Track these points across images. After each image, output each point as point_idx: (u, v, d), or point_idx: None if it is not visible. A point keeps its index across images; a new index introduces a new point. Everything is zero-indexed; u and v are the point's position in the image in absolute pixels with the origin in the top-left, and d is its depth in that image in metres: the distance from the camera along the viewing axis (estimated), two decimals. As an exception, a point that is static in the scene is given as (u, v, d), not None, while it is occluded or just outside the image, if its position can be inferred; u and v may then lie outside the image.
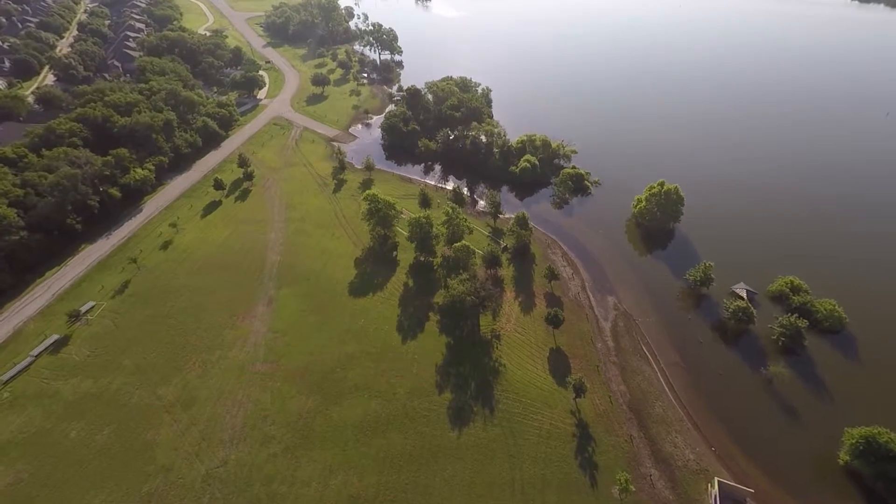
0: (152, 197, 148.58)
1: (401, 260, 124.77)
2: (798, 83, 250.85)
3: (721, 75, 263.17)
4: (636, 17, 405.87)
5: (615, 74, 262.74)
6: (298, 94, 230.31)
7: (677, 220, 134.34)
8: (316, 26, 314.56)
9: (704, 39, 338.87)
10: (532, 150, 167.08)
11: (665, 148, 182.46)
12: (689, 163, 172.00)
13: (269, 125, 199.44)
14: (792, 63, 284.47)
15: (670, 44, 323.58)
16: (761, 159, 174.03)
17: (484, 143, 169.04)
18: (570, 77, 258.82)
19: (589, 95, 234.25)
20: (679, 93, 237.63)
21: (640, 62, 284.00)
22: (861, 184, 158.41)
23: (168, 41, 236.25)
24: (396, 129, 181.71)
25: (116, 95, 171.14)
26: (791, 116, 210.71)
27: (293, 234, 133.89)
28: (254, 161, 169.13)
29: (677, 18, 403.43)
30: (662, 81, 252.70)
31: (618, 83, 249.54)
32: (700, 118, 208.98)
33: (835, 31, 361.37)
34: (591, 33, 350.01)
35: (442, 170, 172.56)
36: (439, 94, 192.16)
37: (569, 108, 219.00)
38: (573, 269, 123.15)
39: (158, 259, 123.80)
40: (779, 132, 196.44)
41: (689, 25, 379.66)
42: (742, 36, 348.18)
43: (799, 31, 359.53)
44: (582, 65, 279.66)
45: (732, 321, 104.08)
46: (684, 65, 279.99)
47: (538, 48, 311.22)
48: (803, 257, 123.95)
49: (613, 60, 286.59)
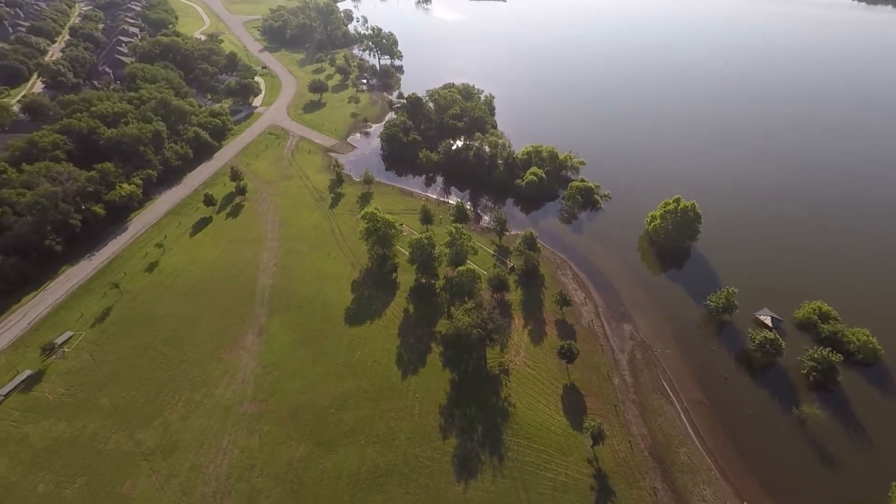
0: (139, 213, 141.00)
1: (401, 282, 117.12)
2: (817, 89, 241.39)
3: (733, 79, 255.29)
4: (637, 18, 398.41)
5: (619, 78, 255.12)
6: (295, 102, 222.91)
7: (694, 238, 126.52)
8: (314, 30, 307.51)
9: (711, 41, 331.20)
10: (538, 162, 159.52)
11: (676, 158, 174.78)
12: (702, 174, 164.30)
13: (264, 134, 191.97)
14: (810, 68, 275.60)
15: (676, 45, 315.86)
16: (781, 171, 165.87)
17: (488, 154, 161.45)
18: (574, 81, 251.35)
19: (593, 101, 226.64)
20: (689, 99, 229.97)
21: (645, 65, 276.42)
22: (893, 201, 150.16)
23: (161, 47, 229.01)
24: (396, 139, 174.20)
25: (104, 105, 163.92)
26: (813, 125, 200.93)
27: (287, 254, 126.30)
28: (247, 173, 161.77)
29: (680, 18, 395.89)
30: (670, 86, 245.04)
31: (622, 87, 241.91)
32: (714, 125, 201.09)
33: (848, 33, 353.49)
34: (592, 35, 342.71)
35: (444, 182, 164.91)
36: (441, 102, 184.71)
37: (573, 114, 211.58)
38: (585, 292, 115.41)
39: (143, 282, 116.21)
40: (800, 142, 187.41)
41: (694, 26, 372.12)
42: (750, 37, 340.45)
43: (810, 34, 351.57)
44: (585, 68, 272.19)
45: (759, 354, 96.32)
46: (693, 68, 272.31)
47: (540, 51, 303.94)
48: (831, 279, 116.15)
49: (617, 63, 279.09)
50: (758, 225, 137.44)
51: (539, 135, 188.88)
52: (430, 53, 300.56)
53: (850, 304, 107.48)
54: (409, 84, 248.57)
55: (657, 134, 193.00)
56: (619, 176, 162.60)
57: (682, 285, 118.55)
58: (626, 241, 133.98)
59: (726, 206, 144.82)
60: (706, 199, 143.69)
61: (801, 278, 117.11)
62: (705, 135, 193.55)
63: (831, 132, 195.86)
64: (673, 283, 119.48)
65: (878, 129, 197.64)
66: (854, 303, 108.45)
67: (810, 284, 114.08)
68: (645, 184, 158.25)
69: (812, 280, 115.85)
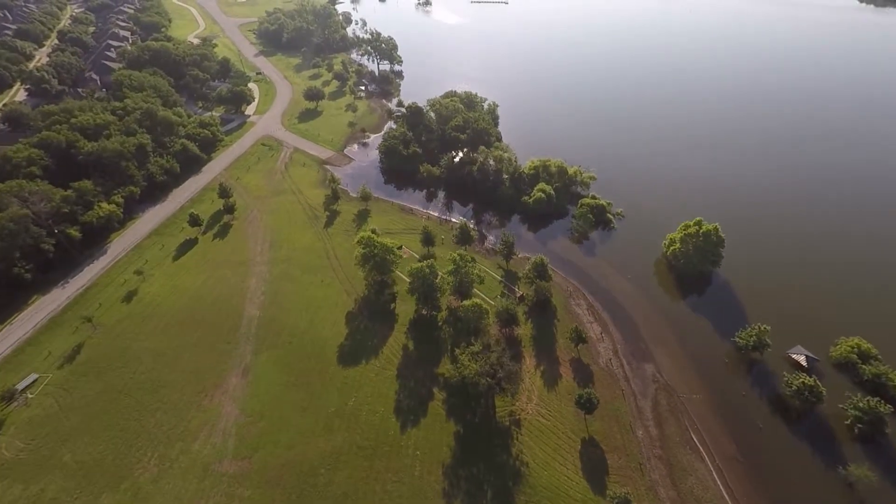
0: (119, 235, 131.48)
1: (400, 313, 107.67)
2: (846, 97, 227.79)
3: (753, 83, 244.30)
4: (643, 17, 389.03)
5: (627, 82, 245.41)
6: (290, 110, 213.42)
7: (717, 264, 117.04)
8: (311, 34, 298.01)
9: (723, 43, 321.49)
10: (546, 178, 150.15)
11: (692, 170, 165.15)
12: (721, 187, 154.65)
13: (256, 146, 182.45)
14: (835, 72, 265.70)
15: (687, 47, 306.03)
16: (811, 187, 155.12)
17: (493, 168, 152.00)
18: (579, 85, 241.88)
19: (600, 107, 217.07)
20: (704, 105, 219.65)
21: (654, 68, 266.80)
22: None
23: (150, 52, 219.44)
24: (396, 151, 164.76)
25: (85, 116, 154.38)
26: (840, 137, 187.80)
27: (277, 279, 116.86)
28: (237, 189, 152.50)
29: (691, 18, 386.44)
30: (682, 91, 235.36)
31: (630, 93, 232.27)
32: (733, 134, 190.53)
33: (864, 38, 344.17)
34: (596, 37, 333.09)
35: (446, 197, 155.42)
36: (442, 112, 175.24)
37: (579, 122, 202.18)
38: (601, 325, 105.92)
39: (119, 314, 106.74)
40: (834, 154, 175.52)
41: (704, 26, 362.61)
42: (764, 40, 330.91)
43: (832, 39, 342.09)
44: (590, 72, 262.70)
45: (796, 400, 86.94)
46: (706, 71, 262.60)
47: (543, 54, 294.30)
48: (870, 313, 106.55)
49: (624, 66, 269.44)
50: (785, 248, 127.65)
51: (544, 144, 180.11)
52: (430, 58, 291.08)
53: (892, 341, 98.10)
54: (409, 90, 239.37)
55: (670, 144, 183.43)
56: (632, 191, 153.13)
57: (706, 317, 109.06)
58: (643, 265, 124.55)
59: (749, 225, 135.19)
60: (726, 217, 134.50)
61: (836, 310, 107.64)
62: (723, 144, 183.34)
63: (869, 144, 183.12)
64: (695, 315, 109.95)
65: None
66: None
67: (847, 318, 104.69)
68: (659, 199, 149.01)
69: (849, 313, 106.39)
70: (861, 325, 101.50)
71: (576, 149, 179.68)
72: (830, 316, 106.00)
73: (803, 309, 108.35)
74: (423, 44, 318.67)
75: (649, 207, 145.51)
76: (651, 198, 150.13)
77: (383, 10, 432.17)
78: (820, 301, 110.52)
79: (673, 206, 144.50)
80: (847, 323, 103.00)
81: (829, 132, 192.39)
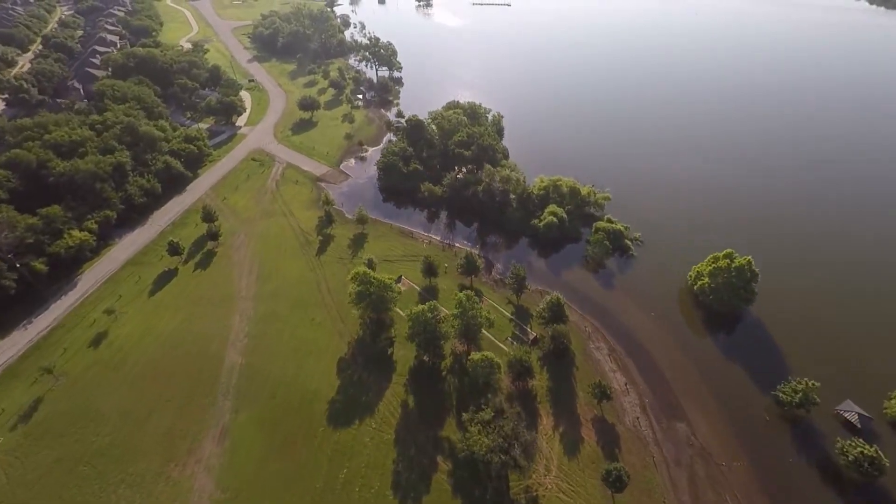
0: (92, 265, 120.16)
1: (398, 359, 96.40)
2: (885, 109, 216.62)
3: (784, 90, 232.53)
4: (646, 21, 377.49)
5: (639, 89, 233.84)
6: (283, 121, 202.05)
7: (750, 301, 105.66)
8: (307, 38, 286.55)
9: (734, 48, 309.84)
10: (557, 199, 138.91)
11: (715, 188, 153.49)
12: (748, 208, 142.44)
13: (246, 161, 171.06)
14: (870, 83, 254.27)
15: (705, 48, 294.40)
16: (849, 213, 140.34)
17: (499, 189, 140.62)
18: (587, 92, 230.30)
19: (610, 116, 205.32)
20: (728, 114, 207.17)
21: (669, 73, 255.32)
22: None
23: (136, 59, 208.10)
24: (395, 169, 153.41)
25: (60, 132, 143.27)
26: (887, 156, 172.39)
27: (263, 318, 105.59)
28: (223, 210, 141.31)
29: (695, 23, 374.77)
30: (703, 99, 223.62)
31: (643, 100, 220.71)
32: (763, 147, 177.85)
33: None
34: (602, 41, 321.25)
35: (448, 219, 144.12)
36: (445, 126, 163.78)
37: (588, 133, 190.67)
38: (625, 374, 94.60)
39: (85, 362, 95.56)
40: (877, 172, 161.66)
41: (709, 28, 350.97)
42: (783, 44, 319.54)
43: (852, 47, 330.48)
44: (599, 77, 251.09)
45: (854, 472, 75.69)
46: (729, 75, 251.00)
47: (549, 59, 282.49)
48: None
49: (635, 72, 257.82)
50: (826, 283, 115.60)
51: (552, 156, 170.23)
52: (431, 63, 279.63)
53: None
54: (409, 99, 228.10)
55: (688, 157, 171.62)
56: (649, 211, 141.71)
57: (740, 362, 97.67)
58: (667, 300, 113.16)
59: (781, 252, 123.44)
60: (755, 241, 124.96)
61: (889, 357, 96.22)
62: (749, 158, 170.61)
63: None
64: (728, 361, 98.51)
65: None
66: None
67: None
68: (678, 219, 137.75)
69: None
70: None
71: (585, 160, 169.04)
72: (882, 364, 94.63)
73: (849, 354, 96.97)
74: (423, 48, 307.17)
75: (669, 230, 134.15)
76: (670, 218, 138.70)
77: (383, 11, 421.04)
78: (869, 346, 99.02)
79: (694, 228, 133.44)
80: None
81: (871, 148, 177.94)
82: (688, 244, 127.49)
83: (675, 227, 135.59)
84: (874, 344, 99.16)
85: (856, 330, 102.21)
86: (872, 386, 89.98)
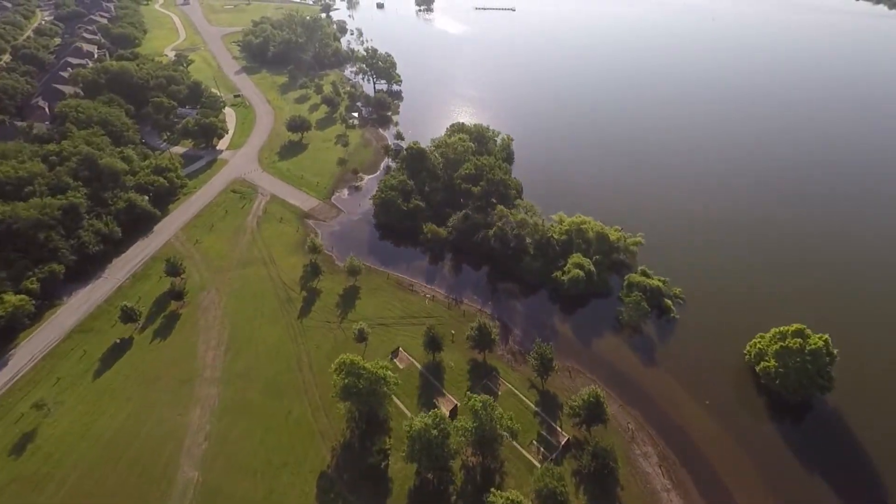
0: (29, 336, 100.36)
1: (395, 477, 76.55)
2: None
3: (841, 114, 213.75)
4: (659, 26, 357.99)
5: (663, 105, 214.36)
6: (270, 143, 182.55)
7: (827, 388, 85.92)
8: (300, 48, 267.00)
9: (761, 56, 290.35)
10: (582, 245, 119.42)
11: (766, 230, 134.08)
12: (813, 262, 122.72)
13: (226, 192, 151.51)
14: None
15: (722, 60, 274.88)
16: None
17: (514, 232, 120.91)
18: (608, 110, 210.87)
19: (632, 136, 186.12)
20: (780, 136, 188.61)
21: (682, 86, 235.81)
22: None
23: (108, 75, 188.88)
24: (393, 205, 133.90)
25: (6, 167, 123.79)
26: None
27: (228, 410, 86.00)
28: (194, 257, 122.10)
29: (714, 29, 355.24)
30: (745, 116, 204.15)
31: (669, 117, 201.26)
32: (820, 183, 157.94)
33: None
34: (616, 48, 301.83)
35: (455, 267, 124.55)
36: (450, 155, 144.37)
37: (611, 159, 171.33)
38: (682, 495, 74.73)
39: (3, 476, 75.85)
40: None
41: (731, 36, 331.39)
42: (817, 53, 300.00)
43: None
44: (617, 89, 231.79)
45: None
46: (771, 87, 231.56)
47: (559, 69, 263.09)
48: None
49: (655, 84, 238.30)
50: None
51: (569, 187, 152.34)
52: (432, 75, 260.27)
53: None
54: (410, 115, 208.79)
55: (736, 192, 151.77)
56: (687, 258, 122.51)
57: (820, 472, 78.00)
58: (720, 381, 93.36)
59: (862, 329, 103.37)
60: (827, 312, 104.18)
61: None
62: (815, 196, 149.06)
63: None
64: (808, 473, 78.61)
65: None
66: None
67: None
68: (727, 272, 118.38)
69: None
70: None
71: (607, 191, 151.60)
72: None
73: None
74: (424, 57, 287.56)
75: (714, 284, 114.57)
76: (714, 269, 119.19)
77: (382, 17, 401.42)
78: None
79: (746, 283, 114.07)
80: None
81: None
82: (738, 303, 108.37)
83: (722, 279, 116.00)
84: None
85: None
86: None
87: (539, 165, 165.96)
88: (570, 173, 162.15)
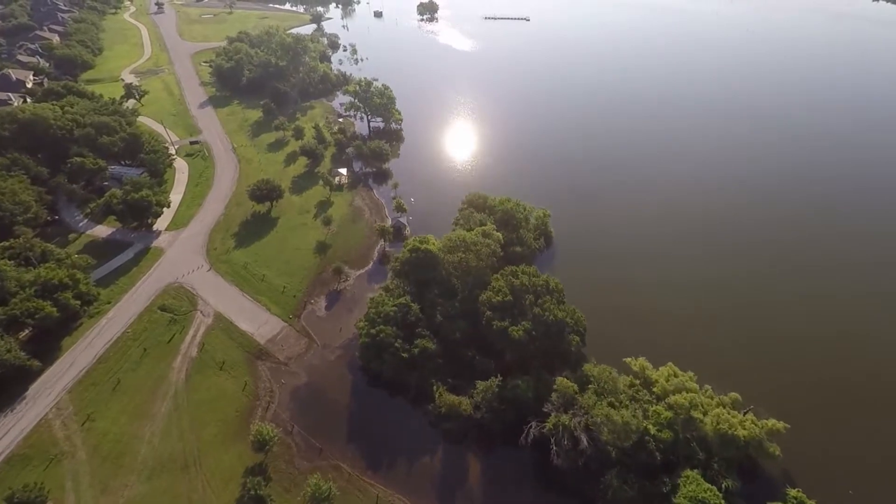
0: None
1: None
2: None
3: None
4: (697, 37, 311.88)
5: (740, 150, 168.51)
6: (228, 218, 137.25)
7: None
8: (279, 73, 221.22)
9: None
10: (700, 444, 73.85)
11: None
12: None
13: (150, 310, 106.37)
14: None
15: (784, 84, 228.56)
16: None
17: (582, 426, 75.40)
18: (669, 155, 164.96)
19: (692, 188, 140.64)
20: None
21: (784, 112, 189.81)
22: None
23: (16, 125, 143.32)
24: (387, 349, 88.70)
25: None
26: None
27: None
28: (76, 454, 77.29)
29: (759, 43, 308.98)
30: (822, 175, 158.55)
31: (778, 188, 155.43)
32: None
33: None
34: (668, 57, 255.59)
35: (486, 469, 79.29)
36: (471, 262, 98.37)
37: (691, 243, 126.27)
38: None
39: None
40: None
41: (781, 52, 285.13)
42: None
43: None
44: (667, 119, 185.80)
45: None
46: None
47: (595, 100, 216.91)
48: None
49: (703, 123, 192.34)
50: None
51: (635, 302, 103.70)
52: (438, 105, 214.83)
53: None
54: (412, 168, 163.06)
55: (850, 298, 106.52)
56: (843, 454, 77.47)
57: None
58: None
59: None
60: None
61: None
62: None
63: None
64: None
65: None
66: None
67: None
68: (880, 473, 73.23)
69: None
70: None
71: (677, 287, 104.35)
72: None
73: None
74: (428, 82, 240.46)
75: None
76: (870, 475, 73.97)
77: (379, 28, 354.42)
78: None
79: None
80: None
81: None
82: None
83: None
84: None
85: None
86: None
87: (579, 241, 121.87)
88: (628, 260, 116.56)
